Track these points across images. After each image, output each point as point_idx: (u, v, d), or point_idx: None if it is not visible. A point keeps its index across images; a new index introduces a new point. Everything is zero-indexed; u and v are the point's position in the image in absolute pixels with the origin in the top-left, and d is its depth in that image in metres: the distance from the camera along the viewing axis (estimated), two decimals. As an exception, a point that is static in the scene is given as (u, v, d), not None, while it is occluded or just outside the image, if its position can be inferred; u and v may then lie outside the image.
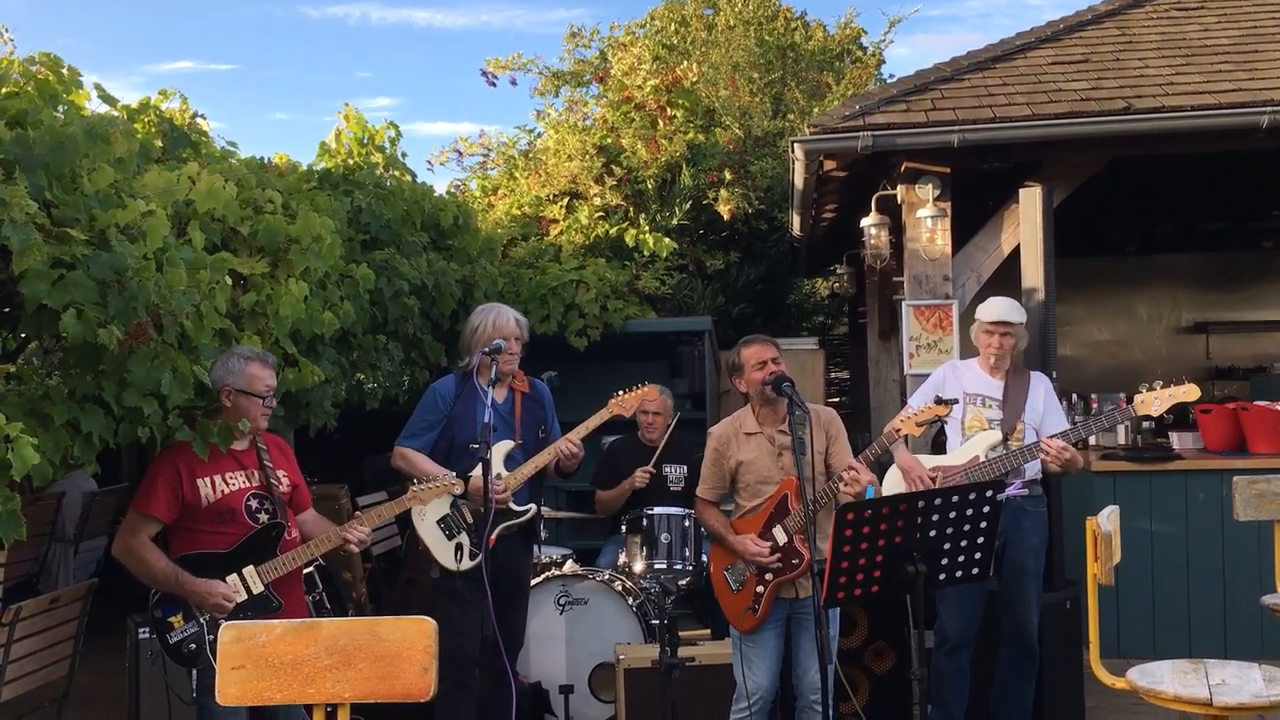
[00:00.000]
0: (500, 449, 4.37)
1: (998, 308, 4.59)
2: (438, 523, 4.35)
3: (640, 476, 5.72)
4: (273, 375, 3.67)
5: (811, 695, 4.02)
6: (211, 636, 3.41)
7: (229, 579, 3.52)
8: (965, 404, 4.62)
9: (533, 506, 4.46)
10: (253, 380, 3.58)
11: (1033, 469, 4.53)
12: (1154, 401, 4.23)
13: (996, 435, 4.46)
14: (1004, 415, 4.53)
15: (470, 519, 4.35)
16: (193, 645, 3.49)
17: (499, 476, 4.28)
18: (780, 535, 4.04)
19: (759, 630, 4.06)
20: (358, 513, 3.88)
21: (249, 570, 3.56)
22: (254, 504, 3.64)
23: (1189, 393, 4.20)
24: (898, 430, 4.19)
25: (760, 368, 4.07)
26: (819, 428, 4.03)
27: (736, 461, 4.14)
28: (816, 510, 3.89)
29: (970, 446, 4.49)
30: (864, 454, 4.18)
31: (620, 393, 4.63)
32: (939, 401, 4.21)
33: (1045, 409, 4.59)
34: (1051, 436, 4.36)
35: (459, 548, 4.32)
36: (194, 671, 3.51)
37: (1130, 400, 4.36)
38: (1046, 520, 4.64)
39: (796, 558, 4.01)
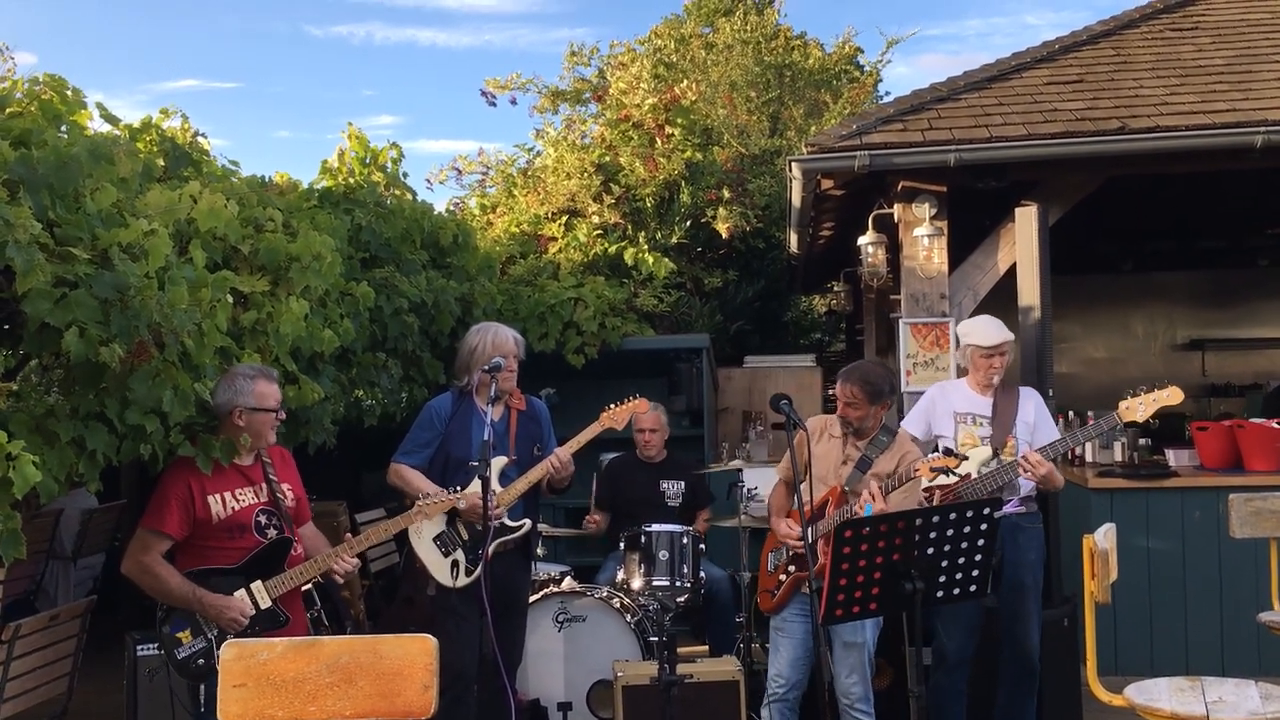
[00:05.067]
0: (494, 465, 4.38)
1: (993, 330, 4.60)
2: (434, 540, 4.36)
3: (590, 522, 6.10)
4: (278, 388, 3.73)
5: (844, 700, 4.16)
6: (220, 652, 3.43)
7: (237, 594, 3.54)
8: (956, 424, 4.64)
9: (527, 522, 4.47)
10: (263, 397, 3.63)
11: (1027, 485, 4.54)
12: (1138, 407, 4.24)
13: (987, 451, 4.47)
14: (994, 432, 4.55)
15: (466, 536, 4.36)
16: (201, 660, 3.50)
17: (492, 493, 4.30)
18: (810, 535, 4.13)
19: (785, 617, 4.26)
20: (348, 535, 3.88)
21: (257, 585, 3.58)
22: (263, 519, 3.67)
23: (1172, 396, 4.19)
24: (916, 470, 4.21)
25: (840, 405, 4.29)
26: (894, 456, 4.23)
27: (810, 454, 4.27)
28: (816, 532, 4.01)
29: (963, 465, 4.49)
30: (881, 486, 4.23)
31: (611, 406, 4.65)
32: (948, 453, 4.23)
33: (1037, 423, 4.61)
34: (1039, 449, 4.37)
35: (455, 564, 4.33)
36: (201, 687, 3.51)
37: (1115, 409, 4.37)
38: (1043, 536, 4.65)
39: (814, 559, 4.08)
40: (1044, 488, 4.42)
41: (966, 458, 4.30)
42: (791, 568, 4.24)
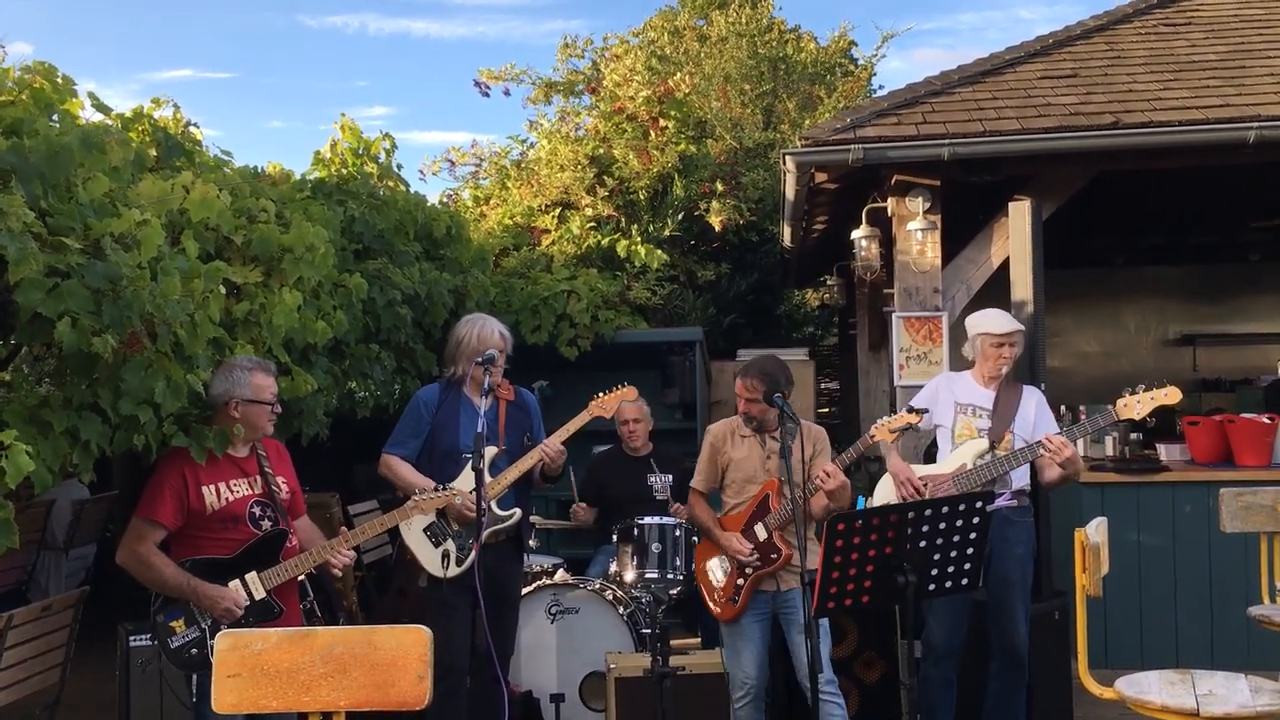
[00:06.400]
0: (485, 456, 4.37)
1: (1003, 319, 4.61)
2: (424, 531, 4.37)
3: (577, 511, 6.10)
4: (274, 381, 3.75)
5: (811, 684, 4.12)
6: (214, 641, 3.43)
7: (231, 584, 3.55)
8: (956, 413, 4.64)
9: (517, 511, 4.48)
10: (259, 389, 3.65)
11: (1019, 479, 4.55)
12: (1135, 405, 4.23)
13: (984, 443, 4.49)
14: (993, 424, 4.55)
15: (455, 526, 4.37)
16: (194, 650, 3.51)
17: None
18: (761, 532, 4.32)
19: (741, 621, 4.35)
20: (344, 529, 3.90)
21: (251, 576, 3.59)
22: (257, 511, 3.68)
23: (1170, 395, 4.18)
24: (872, 436, 4.28)
25: (742, 402, 4.38)
26: (807, 440, 4.33)
27: (728, 459, 4.44)
28: (804, 510, 4.06)
29: (958, 455, 4.52)
30: (840, 457, 4.31)
31: (600, 395, 4.66)
32: (910, 410, 4.35)
33: (1037, 420, 4.61)
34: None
35: (445, 555, 4.34)
36: (194, 676, 3.52)
37: (1113, 405, 4.37)
38: (1033, 531, 4.65)
39: (775, 552, 4.27)
40: (1065, 470, 4.37)
41: (926, 410, 4.41)
42: (749, 570, 4.31)
